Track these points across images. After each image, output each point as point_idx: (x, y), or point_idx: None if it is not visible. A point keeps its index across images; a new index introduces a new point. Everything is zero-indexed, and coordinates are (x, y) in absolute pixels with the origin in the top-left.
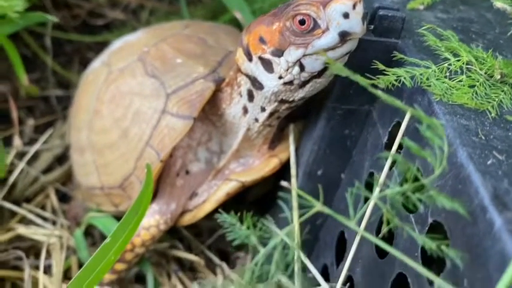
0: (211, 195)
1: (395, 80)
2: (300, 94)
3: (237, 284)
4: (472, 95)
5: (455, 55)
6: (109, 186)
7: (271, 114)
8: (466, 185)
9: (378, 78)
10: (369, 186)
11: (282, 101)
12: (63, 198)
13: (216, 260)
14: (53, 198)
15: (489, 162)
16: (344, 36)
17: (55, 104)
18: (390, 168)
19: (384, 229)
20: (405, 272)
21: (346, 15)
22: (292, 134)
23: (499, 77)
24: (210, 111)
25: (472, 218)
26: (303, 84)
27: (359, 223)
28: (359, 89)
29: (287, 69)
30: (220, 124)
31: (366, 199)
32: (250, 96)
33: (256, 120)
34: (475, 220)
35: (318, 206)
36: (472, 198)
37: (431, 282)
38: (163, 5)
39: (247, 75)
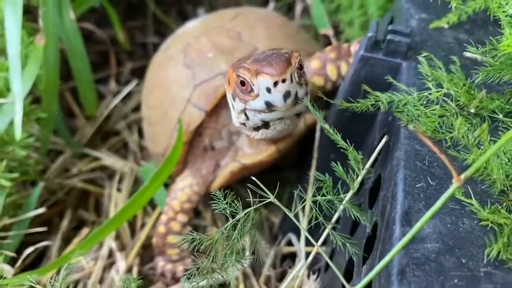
0: (221, 171)
1: (372, 105)
2: (257, 136)
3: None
4: (438, 124)
5: (439, 85)
6: (157, 154)
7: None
8: (395, 199)
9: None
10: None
11: (247, 136)
12: None
13: None
14: (135, 135)
15: (418, 185)
16: (269, 106)
17: (151, 49)
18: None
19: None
20: None
21: (268, 90)
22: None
23: (472, 110)
24: None
25: (387, 225)
26: (255, 129)
27: None
28: (365, 95)
29: (238, 113)
30: None
31: None
32: None
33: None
34: (388, 227)
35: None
36: (392, 211)
37: None
38: None
39: None
